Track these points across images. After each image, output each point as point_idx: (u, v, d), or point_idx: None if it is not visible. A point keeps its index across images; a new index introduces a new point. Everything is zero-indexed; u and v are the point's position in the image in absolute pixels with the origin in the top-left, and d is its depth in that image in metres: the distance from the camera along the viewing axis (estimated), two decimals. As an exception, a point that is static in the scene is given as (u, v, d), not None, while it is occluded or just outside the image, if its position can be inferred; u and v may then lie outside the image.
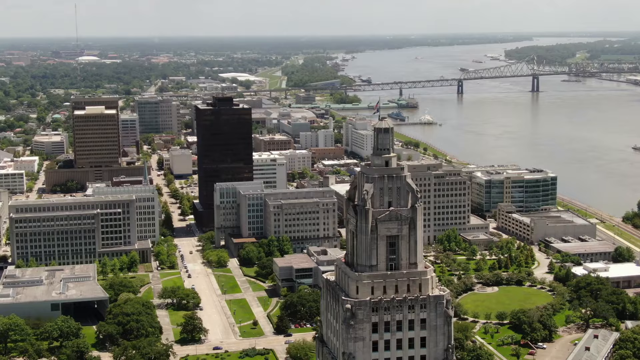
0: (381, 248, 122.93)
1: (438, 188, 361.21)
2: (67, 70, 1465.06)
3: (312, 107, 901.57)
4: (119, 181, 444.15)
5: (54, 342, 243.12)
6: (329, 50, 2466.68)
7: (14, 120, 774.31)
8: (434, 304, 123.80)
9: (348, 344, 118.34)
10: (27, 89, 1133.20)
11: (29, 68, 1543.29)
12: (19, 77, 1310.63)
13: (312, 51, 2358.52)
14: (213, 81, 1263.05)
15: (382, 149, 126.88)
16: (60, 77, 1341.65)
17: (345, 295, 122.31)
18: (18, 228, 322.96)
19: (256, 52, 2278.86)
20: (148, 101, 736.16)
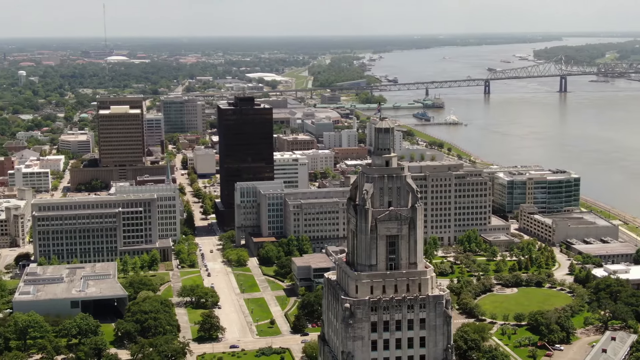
0: (381, 248, 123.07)
1: (459, 189, 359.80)
2: (95, 70, 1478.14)
3: (337, 107, 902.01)
4: (143, 180, 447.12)
5: (72, 339, 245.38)
6: (356, 50, 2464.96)
7: (42, 120, 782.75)
8: (434, 304, 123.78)
9: (347, 343, 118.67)
10: (56, 88, 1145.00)
11: (59, 68, 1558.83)
12: (48, 77, 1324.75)
13: (339, 51, 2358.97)
14: (240, 81, 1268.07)
15: (382, 148, 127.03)
16: (89, 76, 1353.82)
17: (345, 294, 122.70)
18: (40, 226, 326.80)
19: (284, 52, 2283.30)
20: (173, 101, 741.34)
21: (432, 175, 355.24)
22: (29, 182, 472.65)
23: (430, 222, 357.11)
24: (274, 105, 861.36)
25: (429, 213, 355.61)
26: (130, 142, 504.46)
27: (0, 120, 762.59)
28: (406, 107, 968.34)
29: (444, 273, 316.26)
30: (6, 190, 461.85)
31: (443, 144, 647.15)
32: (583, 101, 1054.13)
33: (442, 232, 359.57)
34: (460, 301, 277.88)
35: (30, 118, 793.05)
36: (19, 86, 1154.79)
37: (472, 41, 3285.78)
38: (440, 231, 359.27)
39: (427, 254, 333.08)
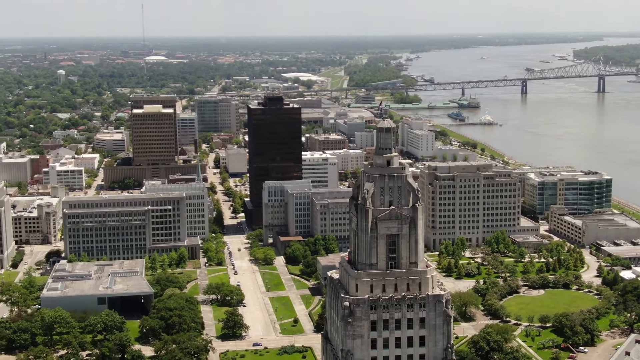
0: (381, 247, 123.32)
1: (487, 189, 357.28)
2: (134, 70, 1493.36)
3: (371, 107, 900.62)
4: (175, 179, 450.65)
5: (98, 335, 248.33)
6: (394, 50, 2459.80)
7: (79, 119, 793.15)
8: (433, 303, 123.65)
9: (346, 341, 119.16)
10: (94, 87, 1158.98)
11: (98, 67, 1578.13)
12: (87, 76, 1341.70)
13: (376, 51, 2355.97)
14: (276, 81, 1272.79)
15: (384, 148, 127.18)
16: (127, 76, 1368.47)
17: (346, 293, 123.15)
18: (71, 223, 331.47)
19: (321, 52, 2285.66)
20: (208, 100, 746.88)
21: (461, 176, 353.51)
22: (63, 180, 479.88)
23: (459, 222, 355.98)
24: (308, 105, 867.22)
25: (457, 214, 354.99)
26: (163, 141, 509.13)
27: (38, 119, 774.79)
28: (441, 107, 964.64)
29: (471, 274, 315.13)
30: (40, 187, 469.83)
31: (476, 144, 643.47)
32: (620, 102, 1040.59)
33: (470, 233, 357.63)
34: (486, 302, 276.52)
35: (67, 117, 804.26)
36: (58, 85, 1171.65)
37: (512, 41, 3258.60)
38: (469, 232, 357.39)
39: (454, 254, 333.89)
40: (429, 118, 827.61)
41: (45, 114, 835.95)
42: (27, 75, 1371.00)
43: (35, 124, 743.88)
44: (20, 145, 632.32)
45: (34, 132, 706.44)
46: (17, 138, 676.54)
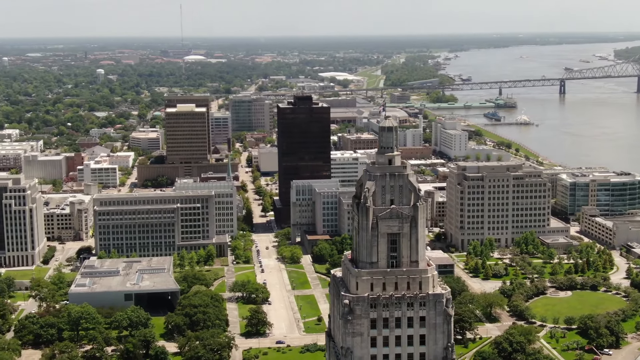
0: (382, 245, 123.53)
1: (517, 190, 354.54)
2: (173, 69, 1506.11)
3: (406, 107, 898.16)
4: (207, 177, 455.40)
5: (123, 331, 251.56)
6: (432, 49, 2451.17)
7: (115, 117, 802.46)
8: (433, 302, 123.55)
9: (346, 339, 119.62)
10: (133, 86, 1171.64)
11: (137, 66, 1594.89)
12: (126, 75, 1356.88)
13: (415, 50, 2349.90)
14: (312, 80, 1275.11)
15: (385, 147, 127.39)
16: (166, 75, 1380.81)
17: (347, 290, 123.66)
18: (101, 220, 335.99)
19: (359, 51, 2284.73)
20: (242, 100, 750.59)
21: (490, 176, 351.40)
22: (97, 178, 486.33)
23: (487, 223, 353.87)
24: (342, 104, 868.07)
25: (485, 214, 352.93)
26: (195, 140, 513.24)
27: (75, 117, 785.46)
28: (477, 106, 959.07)
29: (498, 275, 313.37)
30: (75, 185, 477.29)
31: (511, 144, 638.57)
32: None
33: (499, 233, 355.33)
34: (511, 303, 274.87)
35: (104, 115, 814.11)
36: (97, 84, 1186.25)
37: (552, 40, 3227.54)
38: (498, 233, 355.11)
39: (482, 255, 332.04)
40: (464, 118, 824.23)
41: (83, 112, 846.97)
42: (67, 74, 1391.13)
43: (72, 122, 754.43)
44: (57, 143, 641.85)
45: (71, 130, 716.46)
46: (55, 136, 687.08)
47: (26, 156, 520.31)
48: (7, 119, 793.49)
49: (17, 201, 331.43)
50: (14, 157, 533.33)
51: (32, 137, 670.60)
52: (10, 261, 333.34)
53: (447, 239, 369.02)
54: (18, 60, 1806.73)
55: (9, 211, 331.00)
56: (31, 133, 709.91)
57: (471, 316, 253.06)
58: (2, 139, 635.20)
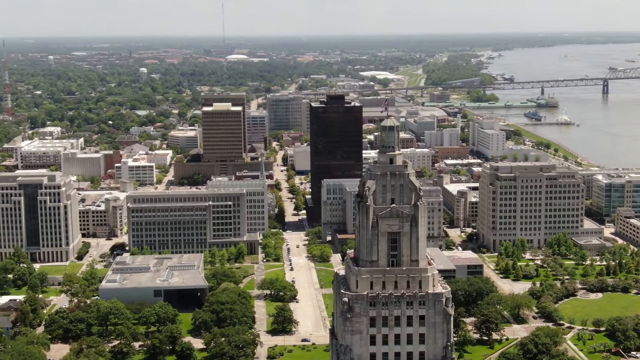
0: (382, 244, 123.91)
1: (550, 190, 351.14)
2: (215, 68, 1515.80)
3: (445, 106, 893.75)
4: (241, 175, 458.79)
5: (151, 326, 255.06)
6: (476, 48, 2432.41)
7: (156, 116, 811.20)
8: (433, 301, 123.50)
9: (345, 337, 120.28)
10: (175, 85, 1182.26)
11: (180, 66, 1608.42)
12: (169, 74, 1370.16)
13: (458, 49, 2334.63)
14: (352, 79, 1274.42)
15: (387, 146, 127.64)
16: (208, 74, 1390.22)
17: (347, 289, 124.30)
18: (134, 217, 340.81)
19: (401, 50, 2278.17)
20: (280, 99, 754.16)
21: (522, 176, 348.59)
22: (134, 176, 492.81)
23: (520, 224, 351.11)
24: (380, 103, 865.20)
25: (518, 215, 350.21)
26: (231, 138, 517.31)
27: (117, 116, 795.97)
28: (518, 106, 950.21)
29: (528, 276, 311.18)
30: (112, 182, 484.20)
31: (550, 144, 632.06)
32: None
33: (531, 234, 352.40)
34: (540, 305, 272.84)
35: (145, 114, 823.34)
36: (140, 83, 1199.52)
37: (598, 39, 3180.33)
38: (530, 233, 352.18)
39: (513, 255, 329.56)
40: (504, 117, 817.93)
41: (125, 110, 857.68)
42: (111, 73, 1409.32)
43: (114, 121, 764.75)
44: (97, 141, 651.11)
45: (112, 129, 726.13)
46: (96, 134, 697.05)
47: (65, 153, 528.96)
48: (49, 116, 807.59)
49: (52, 198, 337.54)
50: (54, 154, 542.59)
51: (74, 134, 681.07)
52: (45, 257, 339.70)
53: (479, 239, 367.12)
54: (64, 59, 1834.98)
55: (44, 207, 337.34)
56: (73, 131, 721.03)
57: (497, 317, 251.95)
58: (44, 137, 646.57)
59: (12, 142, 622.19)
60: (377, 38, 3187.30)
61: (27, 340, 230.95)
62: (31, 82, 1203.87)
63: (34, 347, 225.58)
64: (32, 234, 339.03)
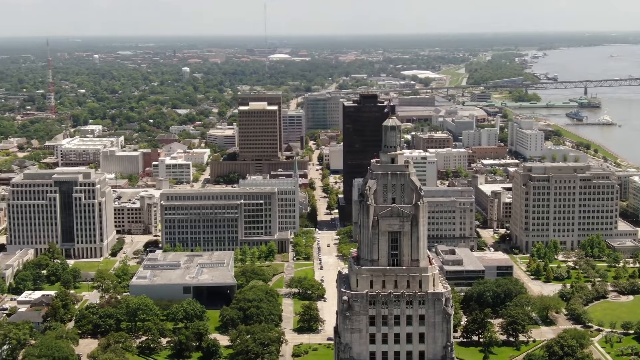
0: (382, 243, 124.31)
1: (584, 191, 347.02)
2: (257, 68, 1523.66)
3: (486, 105, 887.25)
4: (276, 174, 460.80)
5: (179, 323, 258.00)
6: (520, 47, 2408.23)
7: (196, 114, 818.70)
8: (433, 301, 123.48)
9: (345, 335, 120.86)
10: (216, 84, 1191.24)
11: (222, 65, 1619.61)
12: (211, 74, 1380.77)
13: (502, 48, 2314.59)
14: (393, 79, 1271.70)
15: (389, 146, 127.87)
16: (249, 74, 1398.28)
17: (347, 287, 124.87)
18: (167, 215, 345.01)
19: (444, 49, 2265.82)
20: (317, 98, 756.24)
21: (556, 177, 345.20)
22: (171, 174, 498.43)
23: (553, 225, 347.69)
24: (421, 102, 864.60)
25: (551, 216, 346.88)
26: (266, 138, 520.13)
27: (157, 114, 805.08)
28: (560, 106, 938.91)
29: (559, 278, 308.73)
30: (149, 180, 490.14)
31: (590, 145, 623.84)
32: None
33: (564, 235, 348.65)
34: (569, 307, 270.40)
35: (185, 113, 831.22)
36: (182, 82, 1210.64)
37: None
38: (563, 235, 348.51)
39: (545, 257, 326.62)
40: (545, 117, 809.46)
41: (166, 109, 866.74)
42: (154, 72, 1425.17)
43: (154, 119, 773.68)
44: (137, 140, 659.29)
45: (153, 127, 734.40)
46: (136, 132, 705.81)
47: (104, 151, 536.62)
48: (91, 115, 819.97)
49: (87, 195, 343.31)
50: (94, 152, 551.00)
51: (114, 133, 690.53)
52: (80, 253, 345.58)
53: (511, 240, 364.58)
54: (109, 58, 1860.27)
55: (78, 204, 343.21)
56: (114, 129, 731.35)
57: (524, 318, 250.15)
58: (85, 135, 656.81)
59: (54, 139, 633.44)
60: (420, 37, 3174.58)
61: (56, 335, 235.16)
62: (76, 81, 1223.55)
63: (62, 342, 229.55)
64: (67, 230, 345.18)
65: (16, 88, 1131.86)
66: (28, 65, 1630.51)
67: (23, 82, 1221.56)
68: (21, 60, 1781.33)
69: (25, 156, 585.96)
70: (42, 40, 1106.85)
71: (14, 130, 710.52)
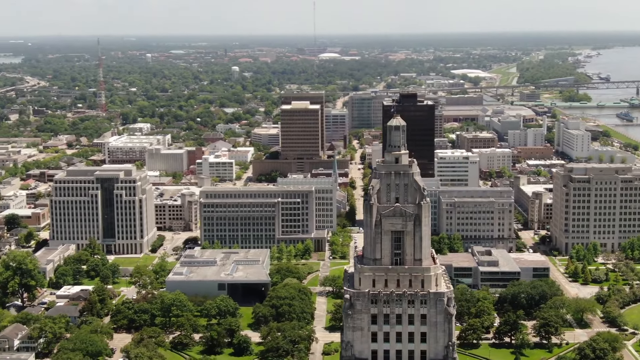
0: (385, 242, 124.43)
1: (625, 193, 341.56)
2: (305, 67, 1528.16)
3: (535, 105, 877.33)
4: (317, 173, 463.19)
5: (212, 319, 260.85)
6: (574, 46, 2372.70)
7: (242, 113, 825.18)
8: (434, 301, 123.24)
9: (347, 333, 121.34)
10: (265, 84, 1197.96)
11: (272, 64, 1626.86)
12: (260, 73, 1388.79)
13: (556, 47, 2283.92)
14: (442, 77, 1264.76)
15: (393, 145, 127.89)
16: (298, 73, 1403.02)
17: (350, 286, 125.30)
18: (206, 212, 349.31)
19: (496, 48, 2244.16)
20: (362, 97, 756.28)
21: (597, 179, 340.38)
22: (214, 172, 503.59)
23: (593, 227, 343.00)
24: (468, 102, 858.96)
25: (591, 217, 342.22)
26: (308, 137, 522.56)
27: (205, 113, 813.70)
28: (611, 106, 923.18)
29: (597, 280, 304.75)
30: (193, 178, 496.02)
31: (638, 146, 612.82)
32: None
33: (605, 238, 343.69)
34: (605, 309, 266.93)
35: (232, 111, 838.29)
36: (231, 81, 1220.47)
37: None
38: (603, 237, 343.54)
39: (584, 259, 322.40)
40: (595, 117, 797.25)
41: (214, 108, 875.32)
42: (205, 71, 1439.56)
43: (202, 118, 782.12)
44: (184, 138, 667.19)
45: (200, 126, 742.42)
46: (183, 130, 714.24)
47: (150, 149, 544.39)
48: (141, 113, 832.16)
49: (128, 192, 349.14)
50: (140, 150, 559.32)
51: (162, 131, 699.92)
52: (120, 249, 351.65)
53: (551, 242, 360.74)
54: (162, 57, 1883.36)
55: (119, 201, 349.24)
56: (162, 127, 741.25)
57: (558, 321, 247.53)
58: (133, 133, 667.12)
59: (102, 137, 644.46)
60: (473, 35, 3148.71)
61: (90, 329, 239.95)
62: (127, 80, 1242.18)
63: (96, 336, 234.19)
64: (108, 226, 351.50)
65: (69, 86, 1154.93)
66: (82, 63, 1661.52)
67: (76, 80, 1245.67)
68: (75, 58, 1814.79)
69: (73, 153, 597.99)
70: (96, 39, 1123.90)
71: (65, 128, 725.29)
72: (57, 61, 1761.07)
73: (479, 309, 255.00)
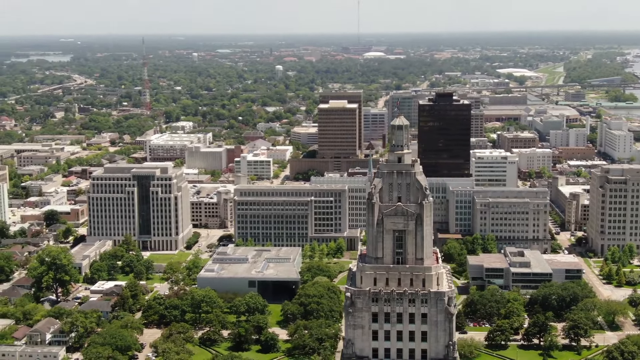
0: (387, 241, 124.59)
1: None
2: (349, 66, 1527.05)
3: (580, 105, 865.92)
4: (353, 172, 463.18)
5: (241, 316, 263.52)
6: (623, 45, 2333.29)
7: (283, 112, 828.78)
8: (435, 300, 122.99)
9: (348, 331, 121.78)
10: (308, 82, 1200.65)
11: (317, 63, 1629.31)
12: (304, 72, 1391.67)
13: (605, 47, 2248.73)
14: (487, 77, 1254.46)
15: (396, 145, 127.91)
16: (342, 72, 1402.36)
17: (351, 284, 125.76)
18: (240, 210, 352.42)
19: (544, 47, 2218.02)
20: (403, 96, 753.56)
21: (634, 179, 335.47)
22: (252, 170, 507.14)
23: (630, 229, 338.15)
24: (512, 101, 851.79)
25: (628, 219, 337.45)
26: (345, 136, 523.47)
27: (247, 112, 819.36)
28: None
29: (632, 282, 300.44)
30: (231, 176, 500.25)
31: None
32: None
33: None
34: (637, 312, 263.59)
35: (273, 110, 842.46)
36: (275, 80, 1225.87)
37: None
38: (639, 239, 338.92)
39: (619, 261, 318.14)
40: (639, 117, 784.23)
41: (256, 107, 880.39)
42: (249, 70, 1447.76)
43: (243, 117, 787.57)
44: (225, 136, 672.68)
45: (241, 124, 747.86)
46: (225, 129, 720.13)
47: (190, 147, 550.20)
48: (184, 111, 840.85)
49: (164, 189, 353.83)
50: (180, 147, 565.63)
51: (204, 129, 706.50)
52: (156, 245, 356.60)
53: (587, 243, 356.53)
54: (208, 56, 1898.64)
55: (155, 198, 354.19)
56: (204, 126, 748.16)
57: (587, 323, 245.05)
58: (175, 131, 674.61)
59: (144, 135, 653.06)
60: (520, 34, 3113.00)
61: (121, 324, 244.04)
62: (173, 78, 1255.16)
63: (126, 331, 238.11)
64: (144, 223, 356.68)
65: (115, 84, 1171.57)
66: (129, 62, 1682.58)
67: (122, 78, 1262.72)
68: (123, 57, 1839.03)
69: (116, 151, 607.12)
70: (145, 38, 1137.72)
71: (109, 126, 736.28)
72: (104, 60, 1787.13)
73: (509, 310, 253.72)
